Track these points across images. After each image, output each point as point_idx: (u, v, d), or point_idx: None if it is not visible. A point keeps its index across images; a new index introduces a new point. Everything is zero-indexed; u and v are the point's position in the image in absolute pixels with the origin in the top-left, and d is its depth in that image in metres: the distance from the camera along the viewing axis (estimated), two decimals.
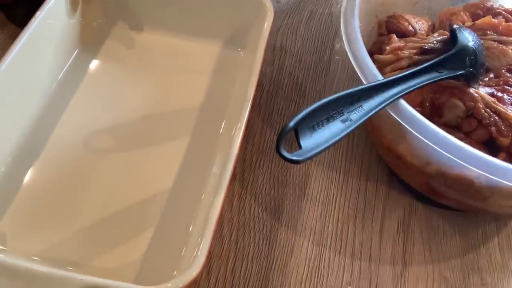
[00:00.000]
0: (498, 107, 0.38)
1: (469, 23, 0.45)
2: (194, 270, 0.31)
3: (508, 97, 0.39)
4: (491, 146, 0.38)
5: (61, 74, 0.46)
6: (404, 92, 0.36)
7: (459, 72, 0.38)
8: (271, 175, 0.44)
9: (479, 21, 0.44)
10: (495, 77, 0.41)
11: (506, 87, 0.40)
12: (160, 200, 0.40)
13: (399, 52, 0.42)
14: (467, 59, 0.39)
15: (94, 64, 0.48)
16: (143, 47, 0.51)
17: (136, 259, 0.37)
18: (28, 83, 0.43)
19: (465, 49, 0.39)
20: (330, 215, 0.43)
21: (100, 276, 0.31)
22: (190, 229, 0.38)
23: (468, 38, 0.40)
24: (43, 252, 0.36)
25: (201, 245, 0.33)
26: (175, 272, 0.35)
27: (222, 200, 0.35)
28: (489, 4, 0.48)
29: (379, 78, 0.37)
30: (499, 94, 0.39)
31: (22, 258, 0.35)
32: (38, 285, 0.30)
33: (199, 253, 0.32)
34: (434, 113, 0.39)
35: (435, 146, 0.34)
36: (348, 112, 0.33)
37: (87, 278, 0.30)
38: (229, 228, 0.41)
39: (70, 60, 0.48)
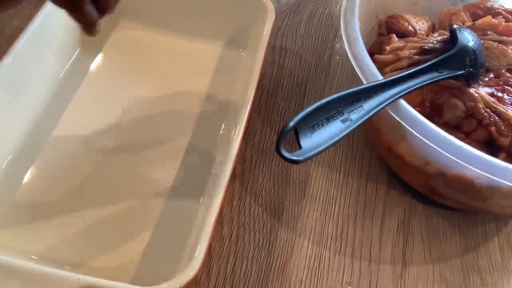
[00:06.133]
0: (498, 107, 0.38)
1: (469, 23, 0.45)
2: (192, 270, 0.31)
3: (508, 97, 0.39)
4: (491, 146, 0.38)
5: (62, 73, 0.47)
6: (404, 92, 0.36)
7: (459, 72, 0.38)
8: (271, 175, 0.44)
9: (479, 21, 0.44)
10: (495, 77, 0.41)
11: (506, 87, 0.40)
12: (159, 201, 0.40)
13: (399, 52, 0.42)
14: (467, 59, 0.39)
15: (95, 64, 0.49)
16: (144, 47, 0.51)
17: (134, 259, 0.37)
18: (30, 82, 0.43)
19: (465, 49, 0.39)
20: (330, 215, 0.43)
21: (97, 276, 0.31)
22: (189, 229, 0.38)
23: (468, 38, 0.40)
24: (41, 251, 0.36)
25: (199, 246, 0.33)
26: (172, 273, 0.35)
27: (220, 201, 0.35)
28: (489, 4, 0.48)
29: (379, 78, 0.37)
30: (499, 94, 0.39)
31: (19, 258, 0.35)
32: (35, 284, 0.30)
33: (196, 254, 0.32)
34: (434, 113, 0.39)
35: (435, 146, 0.34)
36: (348, 112, 0.33)
37: (84, 278, 0.31)
38: (229, 228, 0.41)
39: (71, 60, 0.48)
